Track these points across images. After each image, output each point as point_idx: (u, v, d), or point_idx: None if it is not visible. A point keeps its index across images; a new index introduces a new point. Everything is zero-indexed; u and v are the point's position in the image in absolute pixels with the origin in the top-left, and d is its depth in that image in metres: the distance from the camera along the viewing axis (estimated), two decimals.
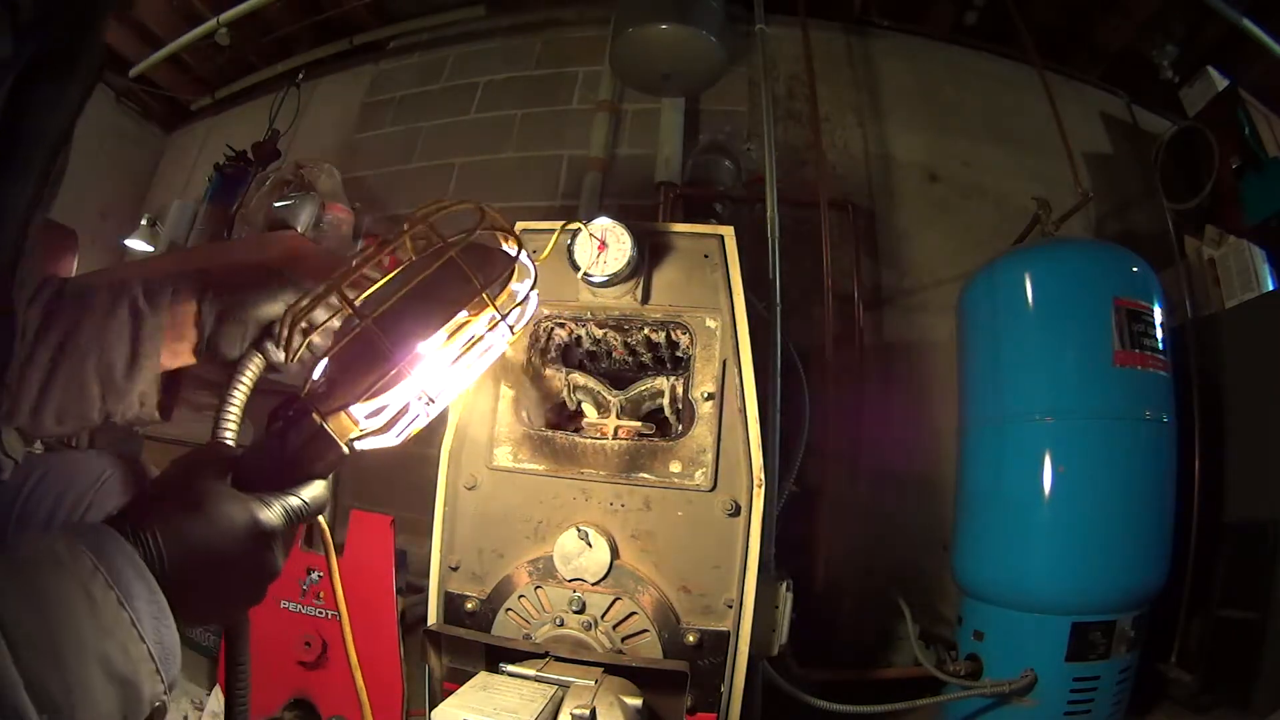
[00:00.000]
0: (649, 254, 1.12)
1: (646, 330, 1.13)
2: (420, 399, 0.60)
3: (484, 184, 2.60)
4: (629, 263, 1.06)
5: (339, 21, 2.98)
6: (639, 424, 1.10)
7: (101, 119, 3.11)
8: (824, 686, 1.53)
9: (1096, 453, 1.60)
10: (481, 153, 2.66)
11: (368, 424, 0.57)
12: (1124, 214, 2.50)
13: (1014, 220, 2.15)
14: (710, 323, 1.08)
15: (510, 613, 1.01)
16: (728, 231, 1.12)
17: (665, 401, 1.10)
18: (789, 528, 1.49)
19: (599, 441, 1.06)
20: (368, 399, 0.56)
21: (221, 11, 2.70)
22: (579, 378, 1.15)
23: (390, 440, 0.60)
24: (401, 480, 1.67)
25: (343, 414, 0.56)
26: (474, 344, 0.62)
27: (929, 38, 2.70)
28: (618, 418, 1.10)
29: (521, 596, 1.00)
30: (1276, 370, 1.80)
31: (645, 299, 1.12)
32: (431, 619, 1.05)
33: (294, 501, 0.53)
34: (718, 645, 0.96)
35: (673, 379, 1.11)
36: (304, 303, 0.62)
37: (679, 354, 1.14)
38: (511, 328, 0.65)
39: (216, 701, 1.53)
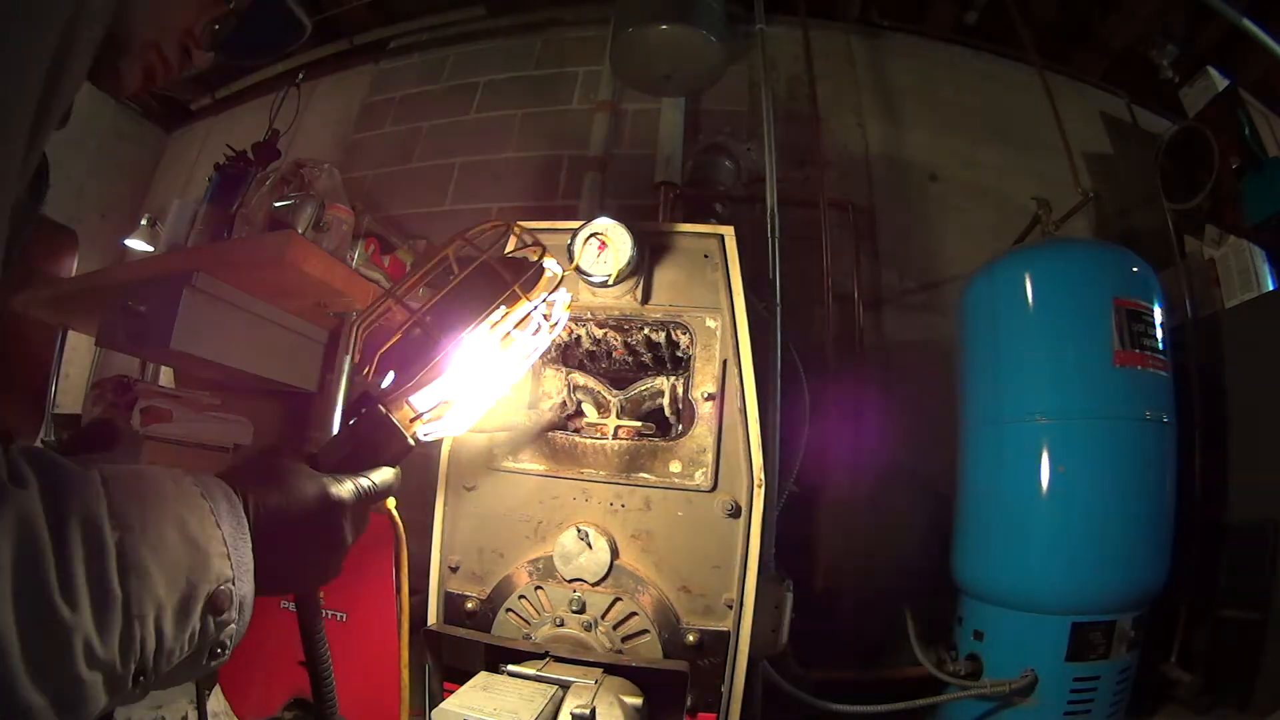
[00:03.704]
0: (649, 254, 1.12)
1: (646, 330, 1.13)
2: (470, 389, 0.68)
3: (484, 184, 2.60)
4: (629, 262, 1.06)
5: (339, 21, 2.98)
6: (639, 424, 1.10)
7: (101, 119, 3.11)
8: (824, 686, 1.53)
9: (1096, 453, 1.60)
10: (481, 153, 2.66)
11: (428, 415, 0.64)
12: (1124, 214, 2.50)
13: (1014, 220, 2.15)
14: (710, 323, 1.08)
15: (510, 613, 1.01)
16: (728, 231, 1.12)
17: (665, 401, 1.10)
18: (789, 528, 1.49)
19: (599, 441, 1.06)
20: (424, 386, 0.64)
21: None
22: (579, 378, 1.15)
23: (451, 430, 0.68)
24: (402, 480, 1.67)
25: (405, 405, 0.63)
26: (510, 336, 0.71)
27: (929, 37, 2.70)
28: (618, 418, 1.10)
29: (521, 596, 1.00)
30: (1276, 370, 1.80)
31: (645, 299, 1.12)
32: (431, 619, 1.05)
33: (363, 482, 0.58)
34: (718, 645, 0.96)
35: (673, 379, 1.11)
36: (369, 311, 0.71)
37: (679, 354, 1.14)
38: (547, 317, 0.73)
39: (217, 701, 1.53)
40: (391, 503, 0.65)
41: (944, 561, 1.90)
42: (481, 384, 0.68)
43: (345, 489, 0.56)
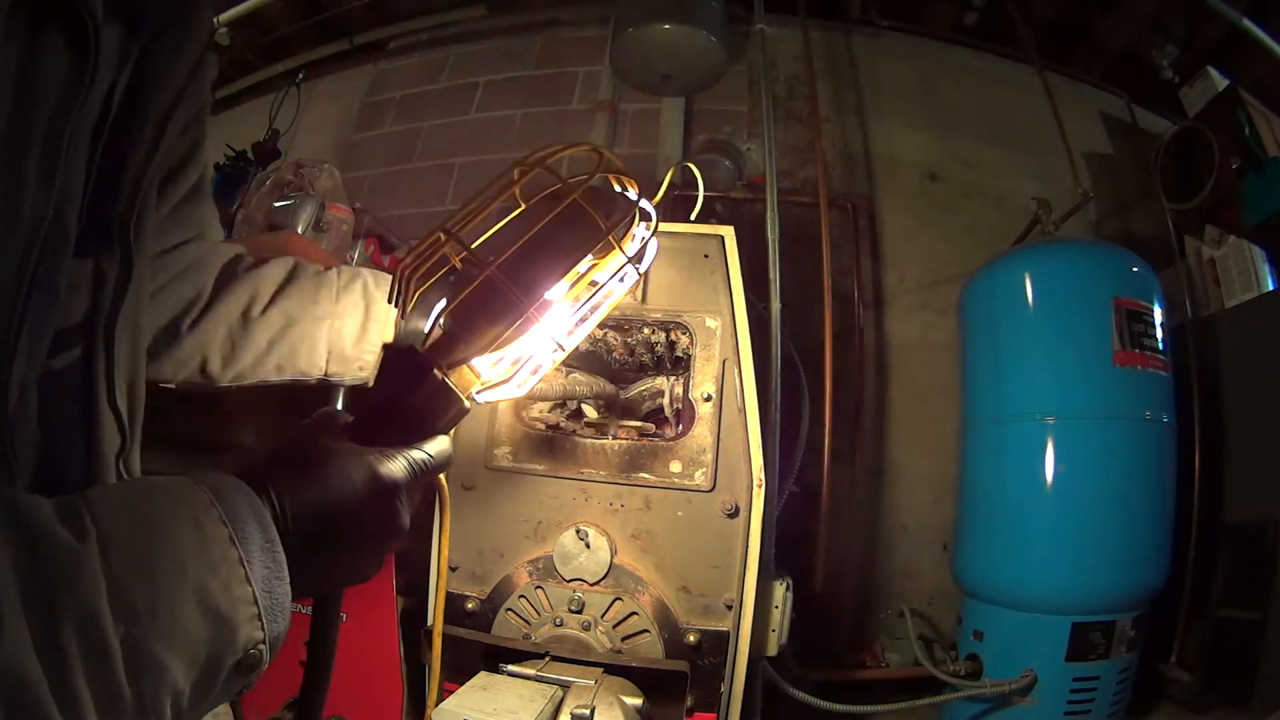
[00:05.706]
0: None
1: (646, 330, 1.13)
2: (544, 348, 0.58)
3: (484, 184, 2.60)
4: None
5: (339, 21, 2.98)
6: (639, 424, 1.10)
7: None
8: (824, 686, 1.53)
9: (1096, 453, 1.60)
10: (481, 153, 2.66)
11: (490, 375, 0.55)
12: (1124, 214, 2.50)
13: (1014, 220, 2.15)
14: (710, 323, 1.08)
15: (510, 613, 1.01)
16: (728, 231, 1.12)
17: (665, 401, 1.10)
18: (789, 528, 1.49)
19: (599, 441, 1.06)
20: (494, 349, 0.53)
21: (221, 11, 2.69)
22: (579, 377, 1.15)
23: (513, 392, 0.58)
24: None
25: (464, 367, 0.53)
26: (599, 289, 0.60)
27: (929, 38, 2.70)
28: (618, 418, 1.10)
29: (522, 596, 1.00)
30: (1276, 370, 1.80)
31: (645, 299, 1.12)
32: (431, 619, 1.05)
33: (417, 455, 0.49)
34: (718, 645, 0.96)
35: (672, 379, 1.11)
36: (415, 254, 0.58)
37: (678, 354, 1.14)
38: (638, 270, 0.62)
39: None
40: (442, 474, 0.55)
41: (944, 561, 1.91)
42: (551, 343, 0.58)
43: (398, 466, 0.47)
